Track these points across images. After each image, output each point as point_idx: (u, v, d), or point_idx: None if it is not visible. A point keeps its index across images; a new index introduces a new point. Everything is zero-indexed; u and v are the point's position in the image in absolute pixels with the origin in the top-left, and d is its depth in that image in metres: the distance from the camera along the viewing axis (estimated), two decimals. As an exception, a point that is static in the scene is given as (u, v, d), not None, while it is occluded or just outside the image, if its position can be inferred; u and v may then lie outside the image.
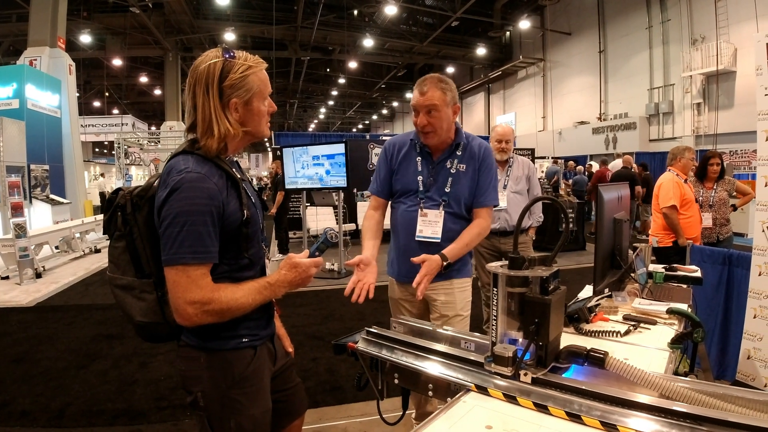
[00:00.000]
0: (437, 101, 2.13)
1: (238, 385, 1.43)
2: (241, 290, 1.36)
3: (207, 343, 1.42)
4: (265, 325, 1.54)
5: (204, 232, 1.29)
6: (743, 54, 13.36)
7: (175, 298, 1.30)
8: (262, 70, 1.44)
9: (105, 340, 4.68)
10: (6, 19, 18.59)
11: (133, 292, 1.43)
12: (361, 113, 44.02)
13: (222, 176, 1.37)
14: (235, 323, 1.41)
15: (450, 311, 2.27)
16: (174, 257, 1.28)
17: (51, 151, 11.32)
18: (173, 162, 1.36)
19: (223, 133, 1.37)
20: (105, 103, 27.90)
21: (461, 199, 2.25)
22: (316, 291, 6.23)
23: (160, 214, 1.31)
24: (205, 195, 1.29)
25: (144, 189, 1.43)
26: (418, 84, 2.19)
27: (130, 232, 1.41)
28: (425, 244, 2.22)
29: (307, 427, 3.05)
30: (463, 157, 2.27)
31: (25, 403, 3.39)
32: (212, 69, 1.36)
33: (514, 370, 1.24)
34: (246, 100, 1.40)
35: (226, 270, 1.40)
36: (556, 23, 21.58)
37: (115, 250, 1.44)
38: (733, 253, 3.72)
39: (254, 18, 21.65)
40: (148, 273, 1.42)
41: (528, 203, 1.49)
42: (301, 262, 1.45)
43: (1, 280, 7.05)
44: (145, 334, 1.47)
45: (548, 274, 1.26)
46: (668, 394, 1.13)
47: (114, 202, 1.44)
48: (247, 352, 1.46)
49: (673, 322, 1.87)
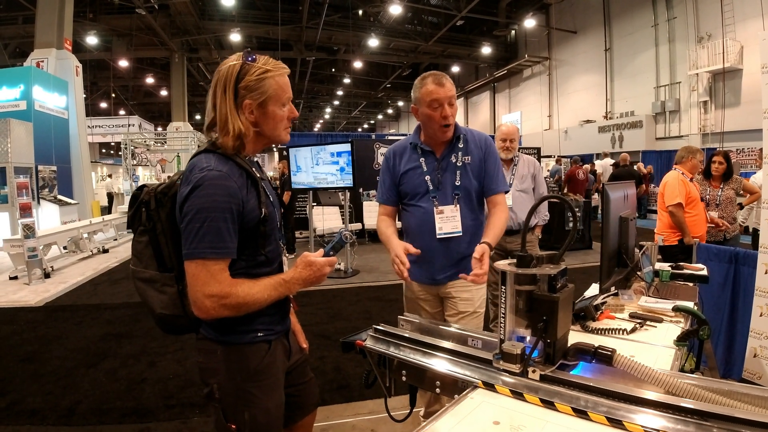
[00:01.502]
0: (454, 92, 2.19)
1: (252, 378, 1.46)
2: (257, 286, 1.39)
3: (224, 336, 1.45)
4: (281, 321, 1.58)
5: (224, 228, 1.33)
6: (750, 52, 13.28)
7: (194, 291, 1.34)
8: (281, 75, 1.47)
9: (114, 339, 4.72)
10: (12, 21, 18.71)
11: (155, 285, 1.47)
12: (367, 113, 44.02)
13: (242, 175, 1.41)
14: (250, 318, 1.44)
15: (469, 307, 2.29)
16: (195, 251, 1.32)
17: (58, 152, 11.40)
18: (196, 160, 1.41)
19: (237, 132, 1.40)
20: (111, 104, 28.07)
21: (471, 189, 2.28)
22: (323, 290, 6.25)
23: (182, 210, 1.35)
24: (225, 192, 1.33)
25: (168, 186, 1.48)
26: (431, 78, 2.17)
27: (154, 228, 1.47)
28: (446, 240, 2.25)
29: (315, 425, 3.07)
30: (466, 149, 2.29)
31: (34, 401, 3.42)
32: (231, 71, 1.41)
33: (523, 367, 1.25)
34: (260, 103, 1.43)
35: (243, 266, 1.43)
36: (562, 22, 21.50)
37: (139, 245, 1.49)
38: (739, 252, 3.70)
39: (259, 18, 21.72)
40: (170, 267, 1.47)
41: (536, 202, 1.50)
42: (316, 261, 1.47)
43: (10, 280, 7.11)
44: (165, 325, 1.51)
45: (556, 272, 1.26)
46: (675, 391, 1.13)
47: (139, 199, 1.50)
48: (261, 346, 1.49)
49: (679, 319, 1.88)
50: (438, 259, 2.28)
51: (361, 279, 7.11)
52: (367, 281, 6.94)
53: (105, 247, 9.73)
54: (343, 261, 7.56)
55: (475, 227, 2.28)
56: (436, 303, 2.39)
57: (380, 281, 6.85)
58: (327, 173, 7.35)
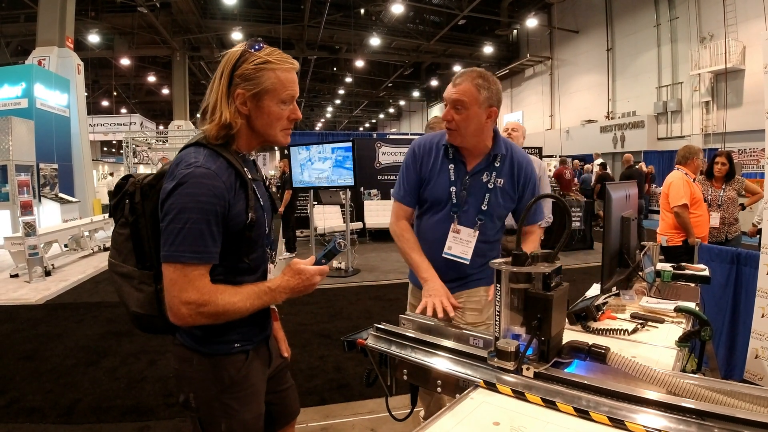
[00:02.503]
0: (466, 97, 1.91)
1: (229, 389, 1.40)
2: (239, 294, 1.32)
3: (199, 346, 1.39)
4: (260, 330, 1.51)
5: (206, 232, 1.25)
6: (752, 52, 13.26)
7: (170, 297, 1.26)
8: (285, 69, 1.37)
9: (114, 337, 4.71)
10: (14, 19, 18.72)
11: (132, 282, 1.39)
12: (368, 112, 44.04)
13: (231, 174, 1.32)
14: (228, 328, 1.38)
15: (478, 319, 2.13)
16: (173, 255, 1.24)
17: (60, 150, 11.40)
18: (184, 153, 1.33)
19: (223, 121, 1.32)
20: (113, 102, 28.07)
21: (496, 217, 2.10)
22: (324, 289, 6.25)
23: (164, 207, 1.27)
24: (210, 193, 1.25)
25: (155, 177, 1.40)
26: (455, 75, 2.00)
27: (136, 221, 1.38)
28: (451, 262, 2.08)
29: (314, 424, 3.07)
30: (501, 170, 2.06)
31: (34, 399, 3.43)
32: (231, 57, 1.35)
33: (517, 365, 1.25)
34: (254, 94, 1.34)
35: (223, 272, 1.35)
36: (564, 21, 21.49)
37: (119, 237, 1.41)
38: (741, 252, 3.69)
39: (261, 17, 21.72)
40: (149, 265, 1.38)
41: (531, 200, 1.50)
42: (305, 269, 1.39)
43: (11, 278, 7.12)
44: (140, 324, 1.43)
45: (550, 271, 1.27)
46: (672, 390, 1.13)
47: (123, 189, 1.42)
48: (238, 357, 1.43)
49: (680, 320, 1.87)
50: (440, 271, 2.06)
51: (361, 278, 7.11)
52: (367, 280, 6.94)
53: (106, 245, 9.69)
54: (343, 260, 7.57)
55: (486, 249, 2.10)
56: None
57: (381, 280, 6.84)
58: (328, 172, 7.35)
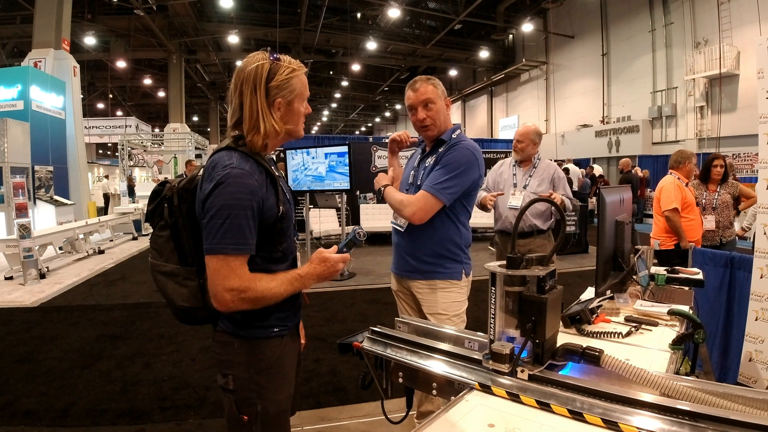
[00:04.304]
0: (431, 94, 2.29)
1: (266, 371, 1.52)
2: (274, 280, 1.44)
3: (241, 330, 1.50)
4: (294, 315, 1.63)
5: (245, 225, 1.38)
6: (746, 57, 13.37)
7: (214, 285, 1.38)
8: (303, 73, 1.54)
9: (109, 340, 4.70)
10: (10, 20, 18.65)
11: (176, 279, 1.52)
12: (364, 116, 44.08)
13: (262, 173, 1.45)
14: (266, 313, 1.50)
15: (431, 310, 2.35)
16: (216, 247, 1.36)
17: (55, 153, 11.35)
18: (217, 157, 1.44)
19: (268, 131, 1.47)
20: (109, 104, 28.00)
21: None
22: (319, 293, 6.25)
23: (204, 206, 1.39)
24: (247, 190, 1.38)
25: (189, 181, 1.54)
26: (408, 86, 2.35)
27: (176, 223, 1.52)
28: (397, 231, 2.43)
29: (309, 427, 3.07)
30: (443, 153, 2.30)
31: (29, 402, 3.41)
32: (260, 70, 1.46)
33: (511, 367, 1.26)
34: (289, 101, 1.50)
35: (260, 262, 1.48)
36: (559, 26, 21.60)
37: (160, 239, 1.53)
38: (735, 256, 3.72)
39: (258, 21, 21.73)
40: (191, 262, 1.52)
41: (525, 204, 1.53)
42: (330, 257, 1.52)
43: (5, 281, 7.08)
44: (185, 317, 1.55)
45: (545, 274, 1.28)
46: (666, 392, 1.14)
47: (161, 194, 1.55)
48: (275, 340, 1.55)
49: (674, 323, 1.88)
50: (395, 250, 2.47)
51: (357, 282, 7.12)
52: (363, 284, 6.95)
53: (101, 248, 9.70)
54: (339, 263, 7.54)
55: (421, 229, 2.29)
56: (410, 299, 2.47)
57: (376, 284, 6.83)
58: (323, 175, 7.35)
